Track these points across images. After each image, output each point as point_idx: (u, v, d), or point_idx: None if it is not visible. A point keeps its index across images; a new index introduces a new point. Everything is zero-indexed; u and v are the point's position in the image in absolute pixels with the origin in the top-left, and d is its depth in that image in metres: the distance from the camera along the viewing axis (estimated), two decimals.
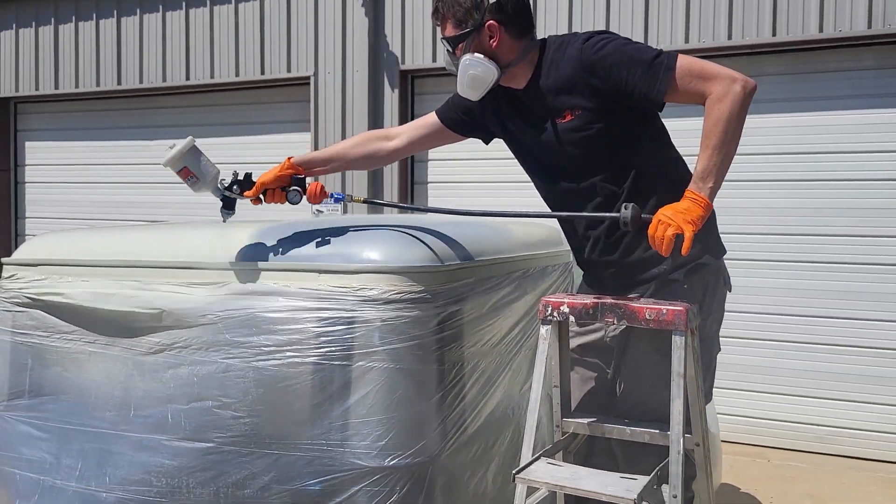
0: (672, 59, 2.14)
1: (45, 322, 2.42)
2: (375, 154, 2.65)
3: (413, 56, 6.19)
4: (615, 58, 2.16)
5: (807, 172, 5.26)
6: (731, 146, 2.08)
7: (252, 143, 7.04)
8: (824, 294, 5.25)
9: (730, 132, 2.06)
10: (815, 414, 5.32)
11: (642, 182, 2.26)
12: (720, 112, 2.06)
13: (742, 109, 2.08)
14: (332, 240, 2.24)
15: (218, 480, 2.10)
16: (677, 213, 2.03)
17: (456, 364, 2.15)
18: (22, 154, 8.18)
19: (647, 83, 2.13)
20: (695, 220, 2.02)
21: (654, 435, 2.02)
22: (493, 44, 2.27)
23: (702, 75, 2.11)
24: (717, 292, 2.32)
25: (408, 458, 2.01)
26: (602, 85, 2.18)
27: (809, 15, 5.07)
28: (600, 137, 2.24)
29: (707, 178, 2.07)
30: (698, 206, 2.05)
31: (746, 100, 2.08)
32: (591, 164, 2.28)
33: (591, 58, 2.18)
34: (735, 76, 2.09)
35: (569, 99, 2.24)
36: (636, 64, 2.14)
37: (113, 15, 7.33)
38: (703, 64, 2.14)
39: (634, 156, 2.26)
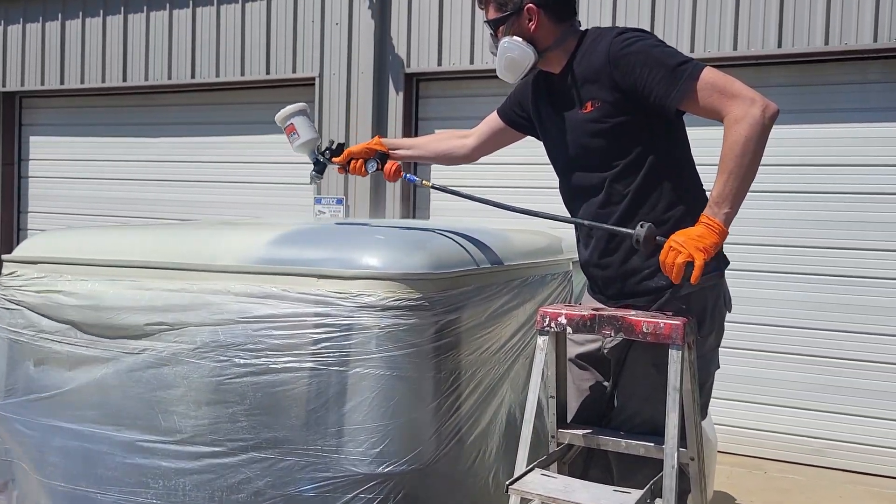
0: (697, 69, 2.09)
1: (44, 320, 2.42)
2: (452, 152, 2.77)
3: (418, 59, 6.19)
4: (640, 57, 2.14)
5: (810, 184, 5.26)
6: (748, 171, 2.02)
7: (256, 143, 7.05)
8: (825, 307, 5.25)
9: (747, 157, 2.00)
10: (813, 427, 5.31)
11: (649, 187, 2.23)
12: (737, 135, 2.01)
13: (761, 134, 2.01)
14: (332, 244, 2.24)
15: (213, 484, 2.10)
16: (689, 240, 1.99)
17: (453, 372, 2.15)
18: (26, 148, 8.20)
19: (664, 88, 2.10)
20: (707, 248, 1.99)
21: (649, 448, 2.01)
22: (531, 27, 2.30)
23: (723, 91, 2.05)
24: (717, 311, 2.29)
25: (403, 466, 2.00)
26: (623, 81, 2.16)
27: (815, 27, 5.07)
28: (614, 133, 2.22)
29: (722, 204, 2.03)
30: (713, 232, 2.01)
31: (766, 124, 2.01)
32: (602, 160, 2.27)
33: (617, 53, 2.17)
34: (756, 98, 2.03)
35: (592, 90, 2.24)
36: (659, 66, 2.11)
37: (120, 12, 7.35)
38: (729, 81, 2.08)
39: (644, 159, 2.22)
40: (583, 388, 2.37)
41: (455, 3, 6.07)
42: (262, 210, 6.92)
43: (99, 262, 2.41)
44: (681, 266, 1.97)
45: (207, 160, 7.28)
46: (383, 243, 2.22)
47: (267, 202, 6.96)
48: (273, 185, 6.98)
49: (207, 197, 7.25)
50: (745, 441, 5.44)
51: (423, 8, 6.16)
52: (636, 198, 2.23)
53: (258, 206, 6.96)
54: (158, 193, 7.50)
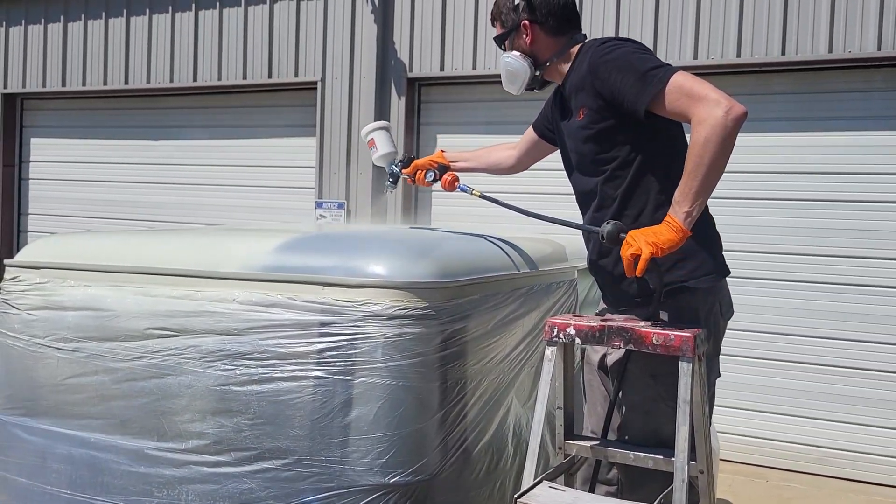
0: (668, 73, 2.13)
1: (46, 326, 2.40)
2: (500, 164, 2.95)
3: (421, 64, 6.18)
4: (616, 63, 2.20)
5: (813, 192, 5.25)
6: (709, 172, 2.04)
7: (257, 146, 7.03)
8: (828, 315, 5.24)
9: (706, 157, 2.02)
10: (815, 435, 5.29)
11: (636, 190, 2.28)
12: (697, 136, 2.04)
13: (723, 136, 2.01)
14: (338, 252, 2.22)
15: (216, 494, 2.08)
16: (642, 234, 2.05)
17: (459, 382, 2.13)
18: (27, 150, 8.19)
19: (635, 92, 2.15)
20: (658, 243, 2.02)
21: (658, 461, 1.99)
22: (528, 41, 2.45)
23: (690, 94, 2.07)
24: (711, 317, 2.28)
25: (408, 476, 1.98)
26: (602, 88, 2.23)
27: (819, 35, 5.07)
28: (600, 138, 2.30)
29: (682, 203, 2.06)
30: (670, 230, 2.05)
31: (729, 125, 2.01)
32: (594, 165, 2.34)
33: (597, 61, 2.25)
34: (721, 100, 2.03)
35: (581, 98, 2.32)
36: (631, 72, 2.17)
37: (122, 14, 7.34)
38: (697, 84, 2.09)
39: (631, 162, 2.28)
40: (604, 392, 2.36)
41: (458, 8, 6.07)
42: (263, 213, 6.90)
43: (102, 268, 2.39)
44: (628, 259, 2.02)
45: (209, 163, 7.26)
46: (389, 251, 2.20)
47: (268, 205, 6.94)
48: (274, 189, 6.97)
49: (209, 200, 7.23)
50: (747, 449, 5.42)
51: (426, 13, 6.16)
52: (624, 200, 2.29)
53: (259, 210, 6.94)
54: (159, 196, 7.48)
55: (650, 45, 5.43)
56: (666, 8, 5.43)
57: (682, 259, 2.20)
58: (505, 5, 2.47)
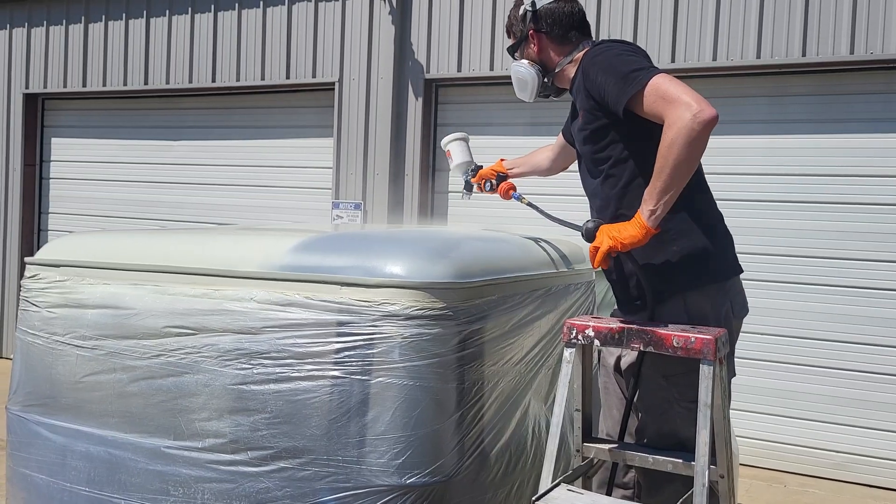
0: (649, 75, 2.14)
1: (65, 323, 2.41)
2: (541, 166, 3.07)
3: (438, 65, 6.18)
4: (602, 65, 2.26)
5: (834, 195, 5.19)
6: (674, 172, 2.05)
7: (275, 147, 7.05)
8: (846, 318, 5.18)
9: (671, 158, 2.04)
10: (834, 440, 5.23)
11: (631, 189, 2.29)
12: (665, 137, 2.07)
13: (688, 138, 2.01)
14: (356, 252, 2.22)
15: (233, 493, 2.08)
16: (609, 229, 2.12)
17: (476, 383, 2.12)
18: (48, 150, 8.26)
19: (615, 93, 2.19)
20: (620, 238, 2.08)
21: (678, 464, 1.97)
22: (535, 50, 2.53)
23: (665, 97, 2.09)
24: (721, 317, 2.25)
25: (425, 478, 1.98)
26: (591, 89, 2.29)
27: (840, 36, 5.01)
28: (594, 139, 2.34)
29: (648, 201, 2.11)
30: (634, 226, 2.10)
31: (696, 128, 2.01)
32: (593, 165, 2.39)
33: (588, 63, 2.32)
34: (692, 104, 2.03)
35: (579, 100, 2.40)
36: (614, 73, 2.21)
37: (142, 15, 7.39)
38: (673, 87, 2.09)
39: (625, 162, 2.30)
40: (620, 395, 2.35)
41: (475, 9, 6.06)
42: (280, 214, 6.92)
43: (121, 266, 2.40)
44: (591, 252, 2.13)
45: (227, 164, 7.29)
46: (407, 252, 2.20)
47: (285, 206, 6.96)
48: (291, 189, 6.98)
49: (227, 200, 7.26)
50: (764, 454, 5.37)
51: (444, 14, 6.15)
52: (620, 200, 2.31)
53: (277, 210, 6.96)
54: (178, 196, 7.52)
55: (667, 47, 5.40)
56: (685, 9, 5.39)
57: (690, 259, 2.20)
58: (514, 17, 2.56)
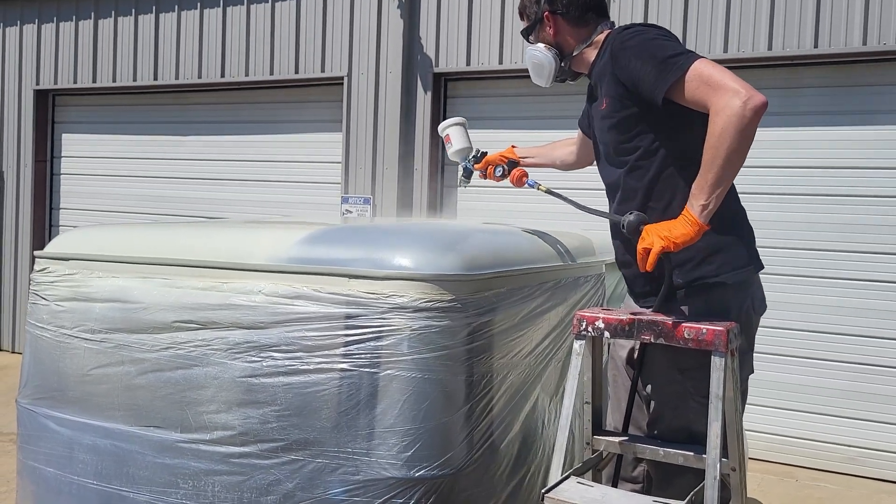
0: (689, 61, 2.07)
1: (74, 316, 2.42)
2: (564, 160, 2.94)
3: (447, 59, 6.16)
4: (636, 50, 2.16)
5: (846, 188, 5.15)
6: (726, 163, 1.98)
7: (284, 142, 7.06)
8: (859, 312, 5.14)
9: (722, 149, 1.96)
10: (846, 434, 5.20)
11: (661, 182, 2.21)
12: (714, 127, 1.99)
13: (740, 125, 1.94)
14: (364, 244, 2.21)
15: (243, 485, 2.08)
16: (657, 229, 2.02)
17: (485, 376, 2.11)
18: (59, 146, 8.29)
19: (653, 79, 2.10)
20: (673, 238, 1.98)
21: (689, 457, 1.95)
22: (551, 33, 2.44)
23: (709, 83, 2.02)
24: (742, 312, 2.21)
25: (434, 470, 1.97)
26: (621, 75, 2.19)
27: (853, 27, 4.96)
28: (622, 128, 2.25)
29: (699, 196, 2.02)
30: (685, 223, 2.00)
31: (748, 115, 1.94)
32: (617, 155, 2.29)
33: (617, 48, 2.22)
34: (740, 90, 1.96)
35: (604, 86, 2.30)
36: (650, 58, 2.12)
37: (151, 11, 7.40)
38: (718, 73, 2.02)
39: (655, 153, 2.22)
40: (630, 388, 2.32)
41: (484, 2, 6.03)
42: (290, 209, 6.93)
43: (130, 260, 2.40)
44: (641, 252, 2.00)
45: (236, 159, 7.31)
46: (416, 244, 2.19)
47: (295, 200, 6.97)
48: (301, 184, 6.99)
49: (236, 195, 7.27)
50: (776, 448, 5.34)
51: (452, 7, 6.13)
52: (648, 193, 2.23)
53: (286, 205, 6.97)
54: (188, 191, 7.54)
55: (679, 36, 5.35)
56: (696, 1, 5.35)
57: (712, 253, 2.15)
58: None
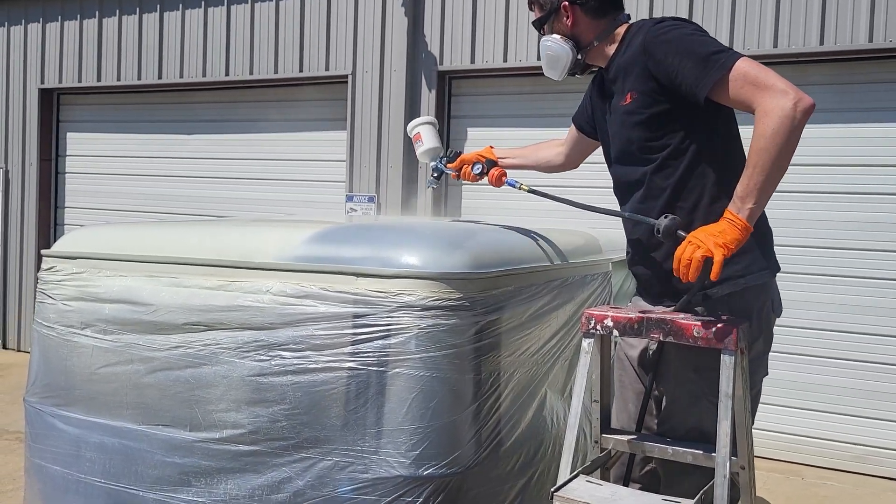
0: (732, 59, 2.02)
1: (81, 315, 2.42)
2: (551, 161, 2.84)
3: (451, 57, 6.15)
4: (674, 45, 2.09)
5: (852, 185, 5.13)
6: (775, 166, 1.95)
7: (288, 140, 7.06)
8: (865, 310, 5.12)
9: (773, 151, 1.93)
10: (853, 432, 5.18)
11: (690, 181, 2.16)
12: (764, 128, 1.94)
13: (790, 128, 1.92)
14: (372, 243, 2.21)
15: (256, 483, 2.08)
16: (710, 235, 1.93)
17: (493, 374, 2.11)
18: (63, 144, 8.30)
19: (694, 76, 2.04)
20: (728, 244, 1.92)
21: (698, 456, 1.95)
22: (569, 24, 2.35)
23: (755, 83, 1.97)
24: (763, 315, 2.21)
25: (442, 469, 1.97)
26: (656, 70, 2.12)
27: (859, 24, 4.94)
28: (651, 124, 2.18)
29: (746, 199, 1.97)
30: (734, 228, 1.95)
31: (798, 117, 1.92)
32: (641, 152, 2.22)
33: (652, 41, 2.14)
34: (789, 90, 1.94)
35: (630, 80, 2.21)
36: (691, 55, 2.05)
37: (156, 10, 7.40)
38: (763, 72, 1.99)
39: (684, 151, 2.16)
40: (638, 390, 2.31)
41: (489, 0, 6.03)
42: (294, 207, 6.93)
43: (137, 258, 2.40)
44: (698, 261, 1.90)
45: (241, 157, 7.31)
46: (423, 242, 2.18)
47: (299, 199, 6.97)
48: (305, 183, 6.99)
49: (241, 194, 7.28)
50: (782, 446, 5.33)
51: (457, 5, 6.12)
52: (676, 192, 2.17)
53: (290, 203, 6.97)
54: (192, 190, 7.54)
55: None
56: None
57: (737, 255, 2.07)
58: None
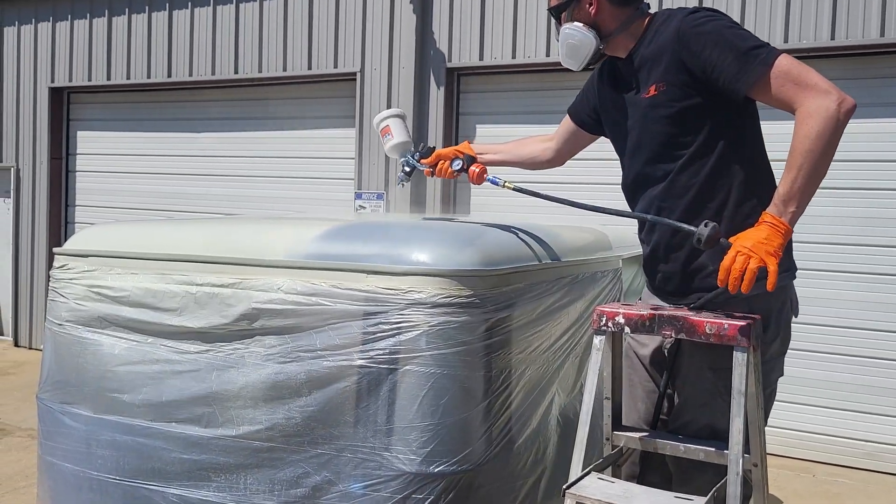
0: (772, 55, 1.98)
1: (93, 313, 2.42)
2: (536, 157, 2.73)
3: (460, 54, 6.15)
4: (712, 37, 2.02)
5: (863, 181, 5.10)
6: (818, 168, 1.91)
7: (297, 138, 7.07)
8: (877, 306, 5.10)
9: (818, 153, 1.89)
10: (864, 429, 5.16)
11: (718, 179, 2.10)
12: (809, 129, 1.90)
13: (835, 129, 1.89)
14: (382, 240, 2.21)
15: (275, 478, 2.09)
16: (759, 244, 1.86)
17: (503, 371, 2.10)
18: (74, 143, 8.34)
19: (734, 71, 1.99)
20: (777, 251, 1.87)
21: (710, 453, 1.94)
22: (592, 12, 2.24)
23: (798, 81, 1.93)
24: (783, 316, 2.18)
25: (453, 466, 1.97)
26: (691, 62, 2.05)
27: (870, 18, 4.91)
28: (679, 119, 2.11)
29: (790, 203, 1.91)
30: (778, 233, 1.89)
31: (841, 119, 1.89)
32: (666, 148, 2.16)
33: (688, 32, 2.06)
34: (831, 91, 1.91)
35: (658, 72, 2.13)
36: (731, 49, 1.99)
37: (165, 8, 7.43)
38: (805, 70, 1.96)
39: (712, 148, 2.10)
40: (649, 389, 2.30)
41: None
42: (303, 205, 6.94)
43: (149, 256, 2.41)
44: (754, 272, 1.84)
45: (250, 155, 7.33)
46: (433, 239, 2.18)
47: (308, 196, 6.98)
48: (314, 180, 7.00)
49: (250, 191, 7.30)
50: (792, 443, 5.31)
51: (465, 2, 6.11)
52: (702, 191, 2.12)
53: (299, 201, 6.98)
54: (202, 188, 7.57)
55: None
56: None
57: None
58: None
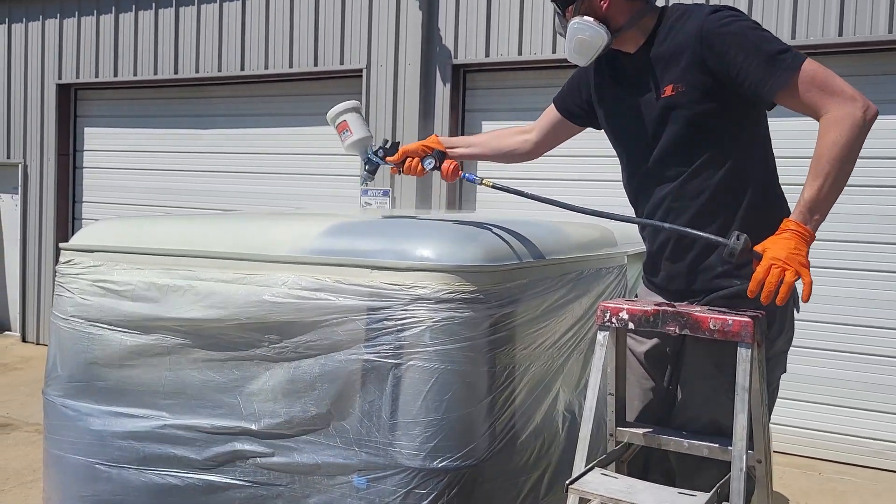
0: (798, 60, 1.95)
1: (99, 308, 2.44)
2: (514, 150, 2.61)
3: (466, 50, 6.14)
4: (737, 39, 1.97)
5: (870, 178, 5.08)
6: (843, 176, 1.90)
7: (304, 135, 7.08)
8: (883, 304, 5.09)
9: (843, 160, 1.88)
10: (871, 427, 5.15)
11: (733, 184, 2.07)
12: (836, 136, 1.88)
13: (860, 137, 1.88)
14: (386, 236, 2.21)
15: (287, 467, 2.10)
16: (791, 255, 1.82)
17: (507, 367, 2.11)
18: (81, 139, 8.37)
19: (761, 76, 1.94)
20: (807, 262, 1.84)
21: (714, 449, 1.94)
22: (603, 6, 2.14)
23: (824, 87, 1.91)
24: (787, 313, 2.18)
25: (457, 461, 1.97)
26: (714, 63, 2.00)
27: (878, 14, 4.89)
28: (696, 121, 2.06)
29: (815, 210, 1.89)
30: (804, 241, 1.87)
31: (866, 127, 1.88)
32: (679, 150, 2.11)
33: (712, 31, 2.00)
34: (857, 97, 1.90)
35: (675, 72, 2.07)
36: (757, 52, 1.95)
37: (172, 5, 7.45)
38: (830, 76, 1.94)
39: (729, 152, 2.07)
40: (646, 387, 2.30)
41: None
42: (309, 201, 6.95)
43: (155, 252, 2.42)
44: (791, 284, 1.80)
45: (256, 151, 7.35)
46: (437, 235, 2.18)
47: (314, 193, 6.99)
48: (320, 177, 7.02)
49: (256, 188, 7.32)
50: (798, 441, 5.30)
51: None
52: (715, 195, 2.08)
53: (305, 197, 7.00)
54: (208, 184, 7.59)
55: None
56: None
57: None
58: None
